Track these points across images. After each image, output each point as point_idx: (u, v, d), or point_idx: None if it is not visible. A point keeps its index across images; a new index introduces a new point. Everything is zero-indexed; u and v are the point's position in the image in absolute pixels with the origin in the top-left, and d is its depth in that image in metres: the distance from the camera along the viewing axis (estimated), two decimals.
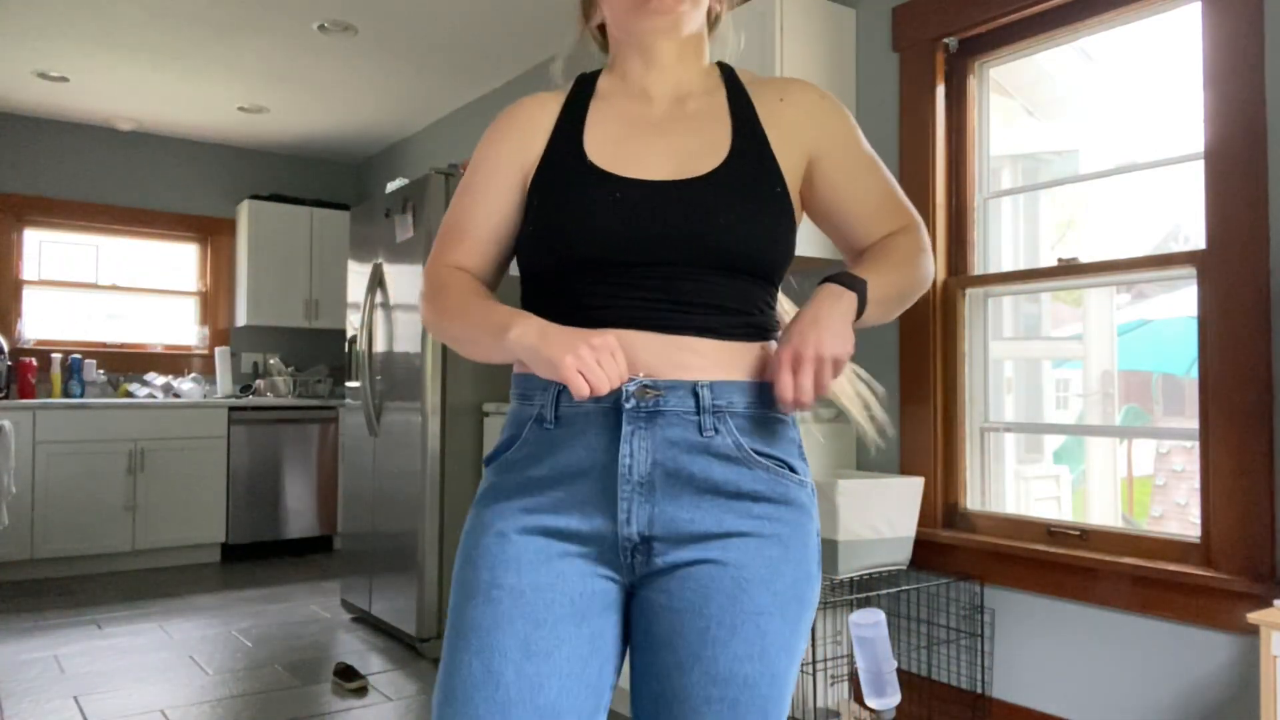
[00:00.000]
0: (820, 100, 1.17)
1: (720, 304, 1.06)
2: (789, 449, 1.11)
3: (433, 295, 1.13)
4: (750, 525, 1.05)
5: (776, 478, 1.07)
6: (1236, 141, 2.14)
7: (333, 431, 5.71)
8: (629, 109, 1.15)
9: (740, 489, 1.05)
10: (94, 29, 4.12)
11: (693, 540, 1.04)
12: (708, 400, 1.04)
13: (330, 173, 6.48)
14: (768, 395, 1.08)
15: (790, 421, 1.12)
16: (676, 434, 1.04)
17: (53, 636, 3.74)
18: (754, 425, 1.07)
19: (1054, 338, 3.10)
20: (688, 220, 1.05)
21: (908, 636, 2.78)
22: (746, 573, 1.04)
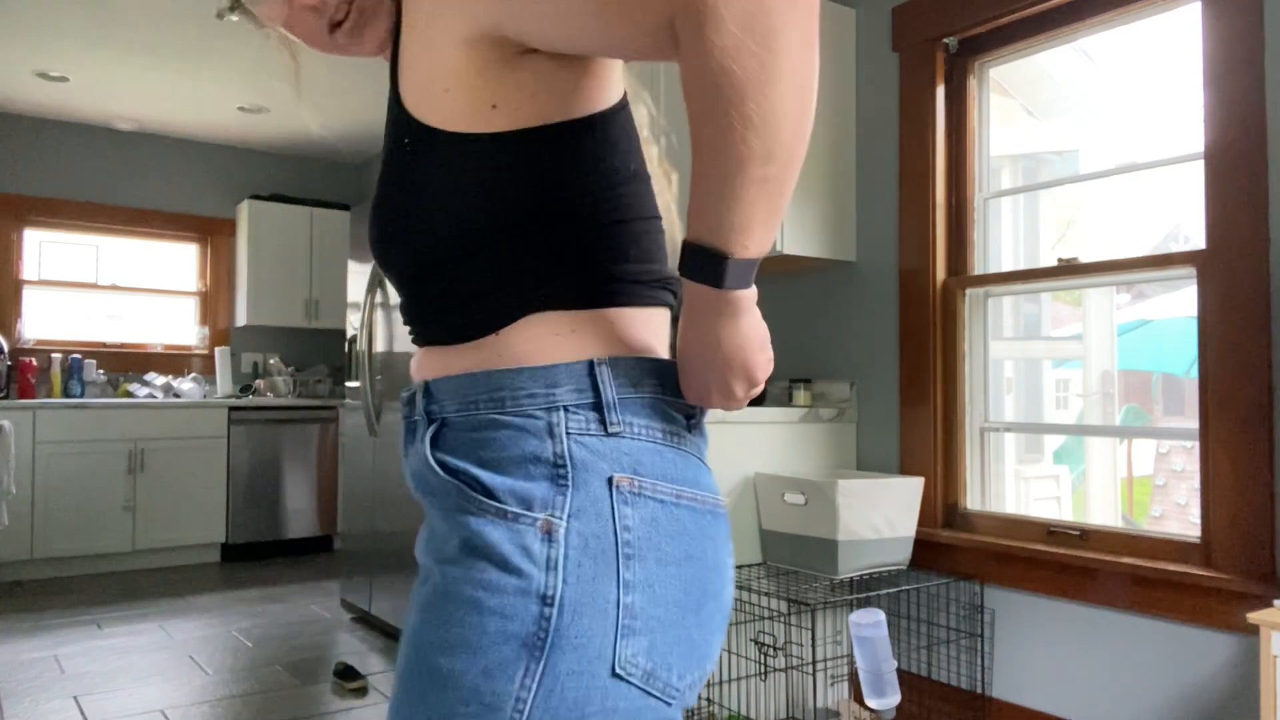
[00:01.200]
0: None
1: (428, 310, 0.84)
2: (500, 464, 0.76)
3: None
4: (433, 564, 0.80)
5: (457, 499, 0.77)
6: (1236, 141, 2.14)
7: (333, 431, 5.71)
8: None
9: (437, 513, 0.81)
10: (94, 29, 4.12)
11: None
12: (421, 405, 0.84)
13: (330, 173, 6.48)
14: (495, 383, 0.77)
15: (543, 428, 0.76)
16: (407, 445, 0.88)
17: (53, 636, 3.74)
18: (464, 428, 0.79)
19: (1054, 338, 3.10)
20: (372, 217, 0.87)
21: (908, 636, 2.78)
22: (408, 622, 0.81)
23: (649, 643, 0.74)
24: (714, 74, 0.63)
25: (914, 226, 2.80)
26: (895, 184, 2.88)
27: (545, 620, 0.71)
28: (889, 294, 2.88)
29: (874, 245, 2.93)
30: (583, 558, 0.73)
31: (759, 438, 2.70)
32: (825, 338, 3.05)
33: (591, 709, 0.72)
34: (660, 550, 0.75)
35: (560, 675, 0.71)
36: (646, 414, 0.78)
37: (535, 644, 0.71)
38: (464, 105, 0.76)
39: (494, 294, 0.78)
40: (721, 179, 0.66)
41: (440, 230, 0.79)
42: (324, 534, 5.68)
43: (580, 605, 0.72)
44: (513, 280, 0.78)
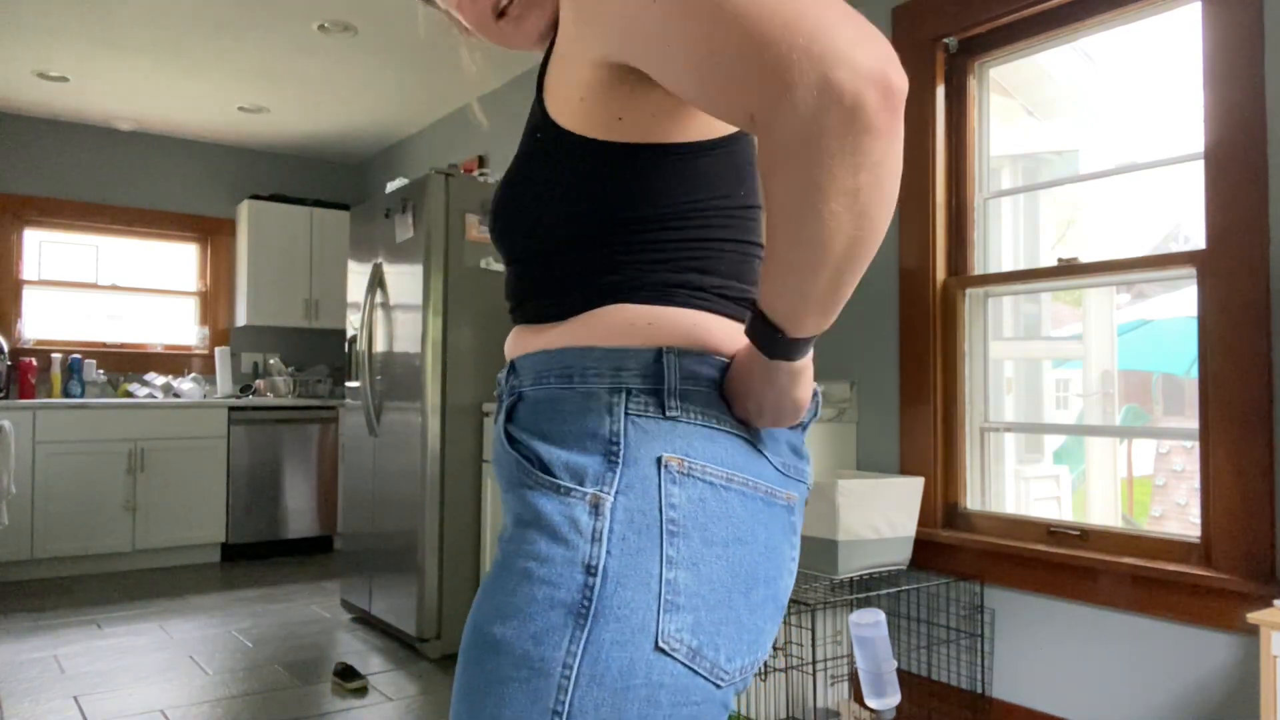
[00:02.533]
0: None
1: (525, 292, 0.90)
2: (560, 437, 0.80)
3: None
4: (502, 536, 0.84)
5: (517, 473, 0.82)
6: (1236, 141, 2.14)
7: (333, 431, 5.71)
8: None
9: (505, 483, 0.86)
10: (94, 29, 4.12)
11: None
12: (504, 381, 0.90)
13: (330, 173, 6.48)
14: (566, 360, 0.82)
15: (604, 405, 0.79)
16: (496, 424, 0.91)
17: (53, 636, 3.74)
18: (534, 402, 0.84)
19: (1054, 338, 3.10)
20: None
21: (908, 636, 2.78)
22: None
23: (694, 620, 0.76)
24: (796, 187, 0.65)
25: (914, 226, 2.80)
26: None
27: (589, 589, 0.74)
28: (889, 294, 2.88)
29: None
30: (628, 531, 0.76)
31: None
32: (825, 338, 3.05)
33: (636, 680, 0.74)
34: (706, 530, 0.78)
35: (605, 644, 0.74)
36: (705, 402, 0.80)
37: (580, 611, 0.74)
38: (594, 114, 0.81)
39: (587, 283, 0.84)
40: (787, 265, 0.70)
41: (554, 219, 0.85)
42: (324, 534, 5.69)
43: (623, 577, 0.74)
44: (607, 273, 0.83)
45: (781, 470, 0.85)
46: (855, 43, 0.60)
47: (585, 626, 0.74)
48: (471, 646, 0.78)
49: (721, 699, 0.79)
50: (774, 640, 0.85)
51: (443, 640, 3.54)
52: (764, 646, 0.82)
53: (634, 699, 0.74)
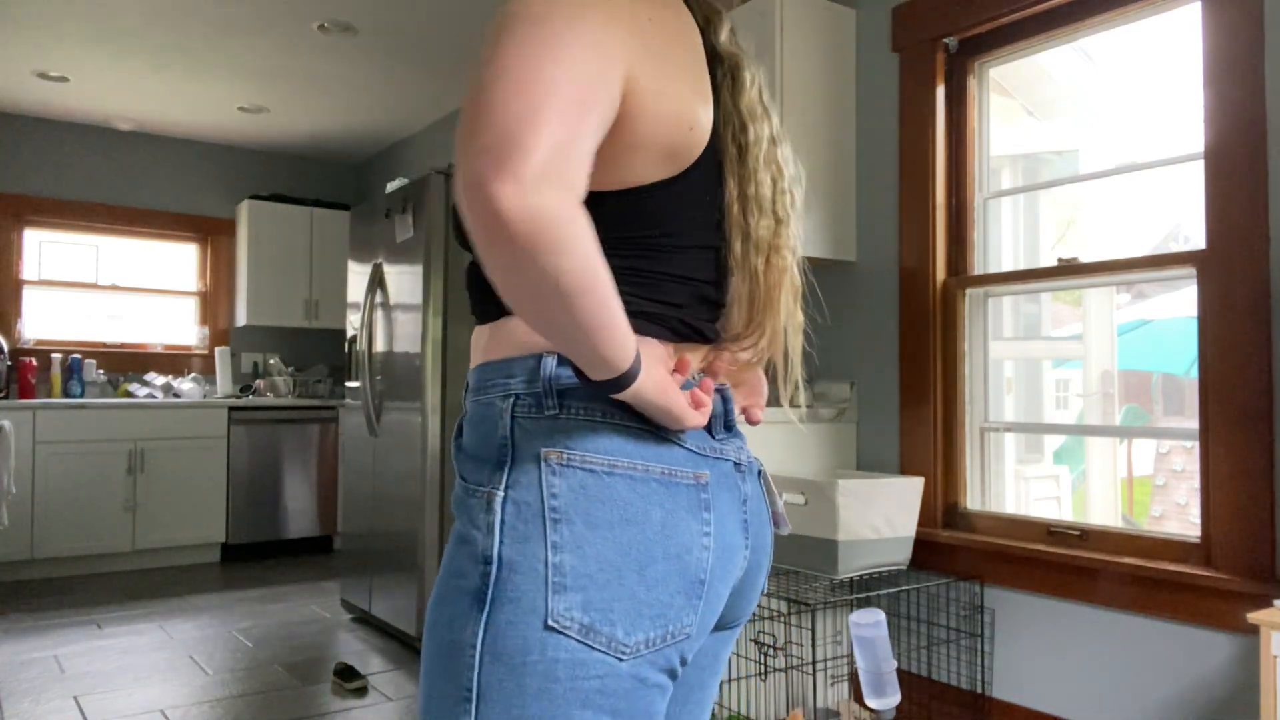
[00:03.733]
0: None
1: (472, 288, 0.95)
2: (474, 447, 0.90)
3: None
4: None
5: (459, 481, 0.91)
6: (1236, 141, 2.14)
7: (333, 431, 5.71)
8: None
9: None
10: (94, 29, 4.12)
11: None
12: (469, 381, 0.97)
13: (330, 173, 6.48)
14: (482, 375, 0.91)
15: (497, 414, 0.87)
16: None
17: (53, 636, 3.74)
18: (469, 415, 0.93)
19: (1054, 338, 3.10)
20: None
21: (908, 636, 2.78)
22: None
23: (583, 598, 0.82)
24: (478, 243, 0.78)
25: (914, 226, 2.80)
26: (895, 184, 2.88)
27: (486, 576, 0.83)
28: (889, 294, 2.88)
29: (874, 245, 2.93)
30: (516, 522, 0.84)
31: (759, 438, 2.70)
32: (825, 338, 3.05)
33: (532, 657, 0.81)
34: (589, 515, 0.84)
35: (500, 625, 0.82)
36: (587, 397, 0.86)
37: (480, 597, 0.83)
38: None
39: (492, 295, 0.91)
40: (536, 314, 0.78)
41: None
42: (324, 534, 5.68)
43: (514, 564, 0.83)
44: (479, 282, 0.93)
45: (696, 451, 0.91)
46: None
47: (484, 610, 0.83)
48: (424, 632, 0.89)
49: (632, 672, 0.84)
50: (684, 614, 0.88)
51: None
52: (675, 619, 0.86)
53: (531, 673, 0.81)
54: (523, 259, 0.71)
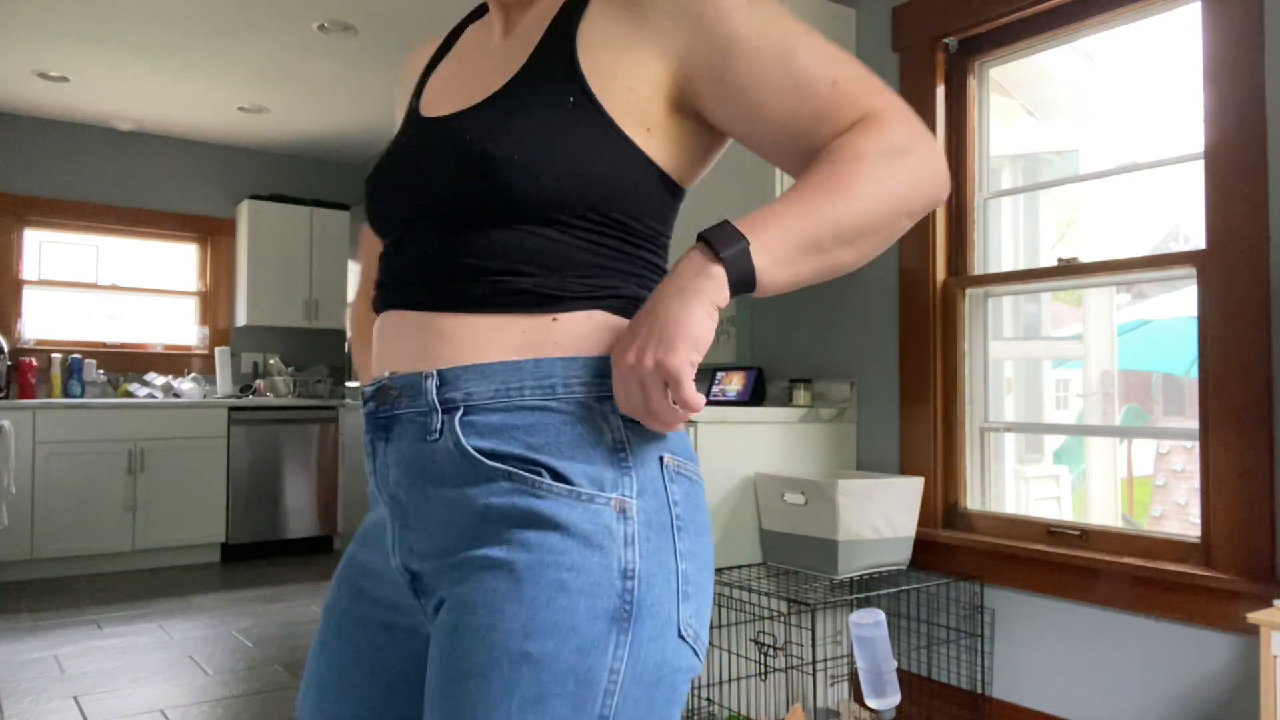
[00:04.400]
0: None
1: (483, 264, 0.80)
2: (561, 448, 0.78)
3: (354, 319, 1.15)
4: (496, 553, 0.77)
5: (520, 487, 0.78)
6: (1236, 141, 2.14)
7: (333, 431, 5.71)
8: (475, 42, 0.95)
9: (474, 505, 0.79)
10: (94, 29, 4.12)
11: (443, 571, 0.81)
12: (434, 394, 0.81)
13: (330, 173, 6.48)
14: (544, 373, 0.80)
15: (598, 415, 0.80)
16: (407, 443, 0.83)
17: (53, 636, 3.74)
18: (507, 420, 0.79)
19: (1054, 338, 3.10)
20: (442, 159, 0.82)
21: (908, 636, 2.78)
22: (467, 619, 0.77)
23: (696, 606, 0.81)
24: (866, 165, 0.78)
25: (914, 226, 2.80)
26: None
27: (629, 594, 0.76)
28: (889, 294, 2.88)
29: None
30: (649, 532, 0.79)
31: (759, 438, 2.70)
32: (825, 338, 3.05)
33: (666, 670, 0.78)
34: (695, 523, 0.83)
35: (643, 642, 0.77)
36: None
37: (623, 617, 0.76)
38: (633, 111, 0.82)
39: (566, 277, 0.81)
40: (834, 234, 0.77)
41: (549, 188, 0.79)
42: (324, 534, 5.68)
43: (652, 576, 0.78)
44: (589, 273, 0.82)
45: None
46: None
47: (629, 630, 0.76)
48: (496, 665, 0.74)
49: (697, 668, 0.84)
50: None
51: None
52: None
53: (663, 686, 0.78)
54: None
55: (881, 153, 0.78)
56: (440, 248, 0.82)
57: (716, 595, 2.56)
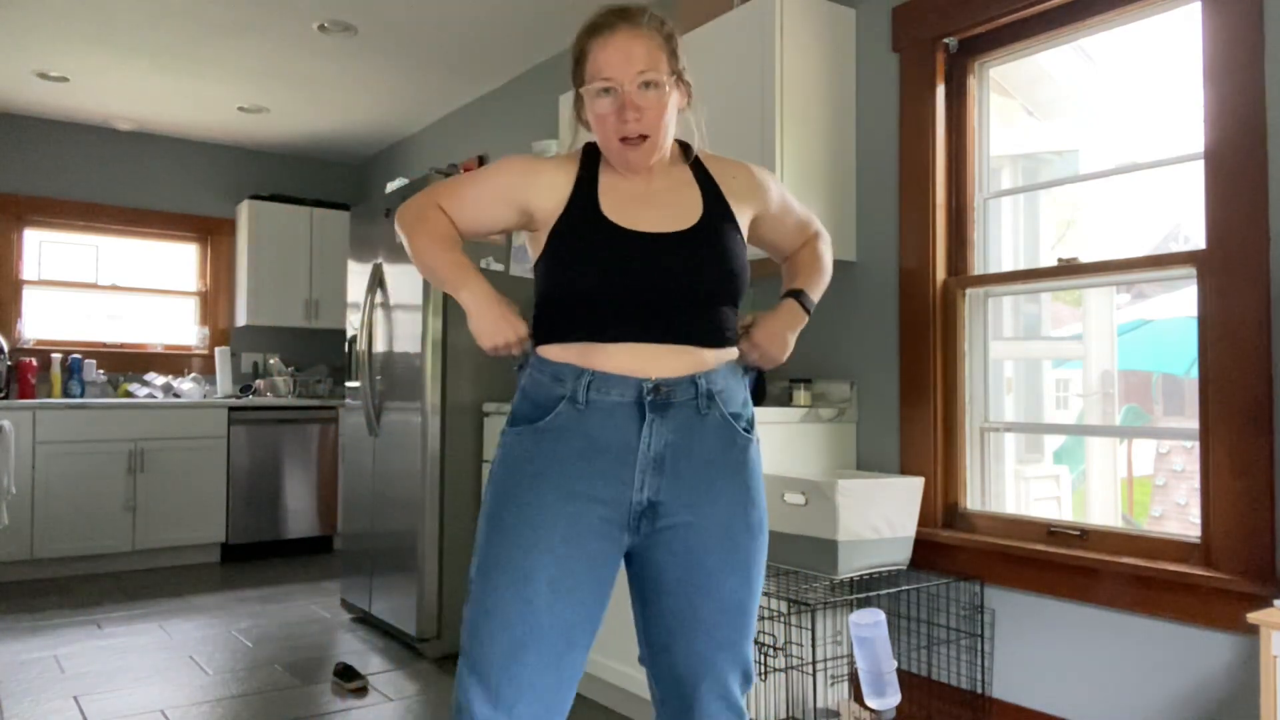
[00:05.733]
0: (759, 174, 1.62)
1: (705, 322, 1.47)
2: (748, 408, 1.55)
3: (419, 213, 1.54)
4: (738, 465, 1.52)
5: (745, 435, 1.53)
6: (1236, 141, 2.14)
7: (333, 431, 5.71)
8: (618, 183, 1.51)
9: (728, 449, 1.49)
10: (94, 29, 4.12)
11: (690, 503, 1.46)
12: (704, 386, 1.45)
13: (330, 173, 6.48)
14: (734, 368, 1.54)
15: (742, 384, 1.55)
16: (682, 420, 1.44)
17: (53, 636, 3.75)
18: (730, 396, 1.49)
19: (1054, 338, 3.10)
20: (684, 262, 1.45)
21: (908, 636, 2.78)
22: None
23: None
24: (825, 258, 1.69)
25: (914, 226, 2.80)
26: (895, 184, 2.88)
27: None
28: (889, 294, 2.88)
29: (874, 245, 2.93)
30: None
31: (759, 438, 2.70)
32: (825, 338, 3.05)
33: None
34: None
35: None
36: None
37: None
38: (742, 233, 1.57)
39: (730, 325, 1.52)
40: (820, 288, 1.67)
41: (736, 280, 1.50)
42: (324, 534, 5.69)
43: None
44: (733, 322, 1.54)
45: None
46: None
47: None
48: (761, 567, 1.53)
49: None
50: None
51: (442, 640, 3.54)
52: None
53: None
54: None
55: (826, 245, 1.71)
56: (687, 312, 1.48)
57: None
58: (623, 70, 1.42)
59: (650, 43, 1.44)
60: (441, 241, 1.51)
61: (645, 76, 1.42)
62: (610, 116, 1.44)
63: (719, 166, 1.58)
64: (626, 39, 1.42)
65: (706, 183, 1.54)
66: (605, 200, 1.48)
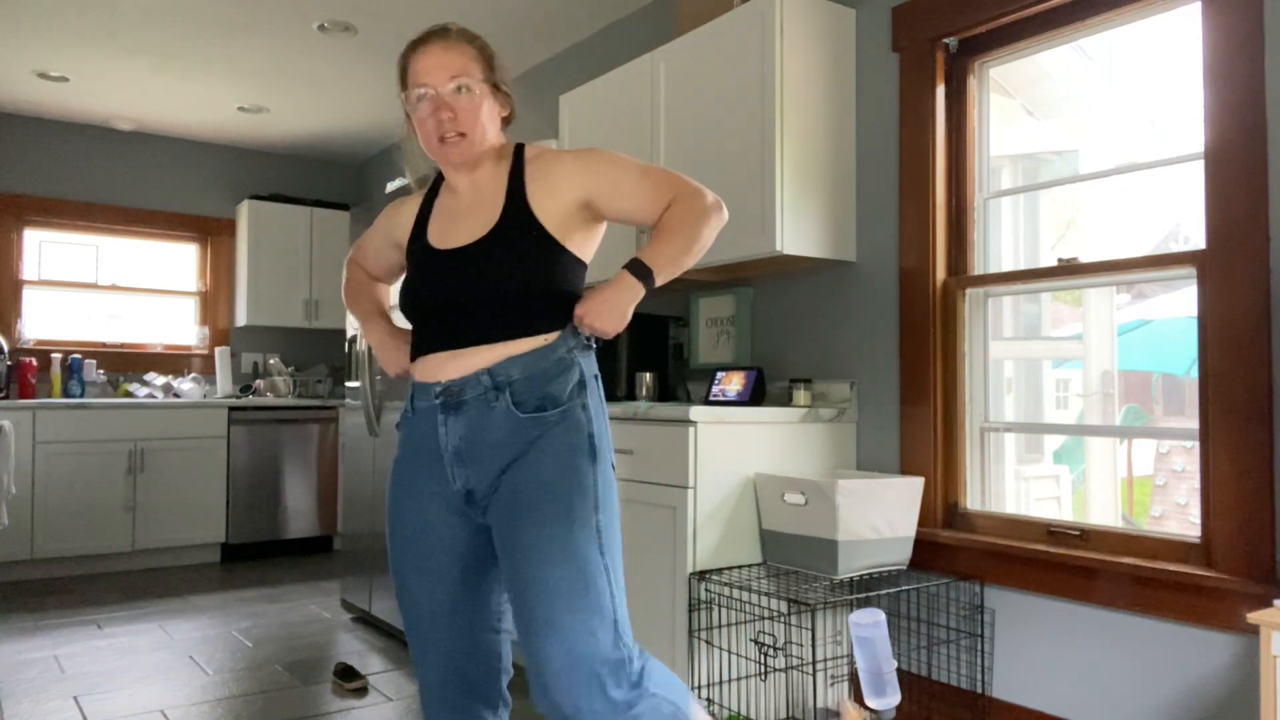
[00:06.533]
0: (585, 158, 1.67)
1: (497, 322, 1.57)
2: (561, 383, 1.59)
3: (346, 270, 1.94)
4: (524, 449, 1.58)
5: (536, 416, 1.57)
6: (1236, 141, 2.14)
7: (333, 431, 5.71)
8: (448, 201, 1.70)
9: (517, 430, 1.57)
10: (94, 29, 4.12)
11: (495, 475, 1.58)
12: (488, 382, 1.56)
13: (330, 173, 6.48)
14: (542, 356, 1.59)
15: (571, 359, 1.61)
16: (474, 414, 1.57)
17: (53, 636, 3.74)
18: (528, 383, 1.57)
19: (1054, 338, 3.10)
20: (465, 275, 1.58)
21: (908, 636, 2.78)
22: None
23: (609, 445, 1.70)
24: (677, 222, 1.62)
25: (914, 226, 2.80)
26: (895, 184, 2.88)
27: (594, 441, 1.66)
28: (889, 294, 2.88)
29: (874, 245, 2.93)
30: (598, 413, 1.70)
31: (759, 438, 2.70)
32: (825, 338, 3.05)
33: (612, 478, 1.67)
34: (603, 406, 1.71)
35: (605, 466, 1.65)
36: None
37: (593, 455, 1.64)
38: (561, 229, 1.63)
39: (534, 318, 1.59)
40: (674, 255, 1.61)
41: (524, 281, 1.57)
42: (324, 534, 5.68)
43: (601, 433, 1.69)
44: (543, 314, 1.59)
45: None
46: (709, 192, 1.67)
47: (596, 461, 1.65)
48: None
49: None
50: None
51: None
52: None
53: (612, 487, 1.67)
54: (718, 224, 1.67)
55: (691, 211, 1.62)
56: (467, 315, 1.60)
57: (717, 595, 2.56)
58: (436, 76, 1.62)
59: (462, 53, 1.64)
60: (354, 292, 1.88)
61: (458, 81, 1.61)
62: (429, 119, 1.62)
63: (539, 162, 1.66)
64: (440, 50, 1.63)
65: (515, 182, 1.64)
66: (434, 222, 1.68)
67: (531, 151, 1.69)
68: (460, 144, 1.61)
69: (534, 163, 1.67)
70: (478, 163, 1.66)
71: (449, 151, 1.62)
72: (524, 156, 1.69)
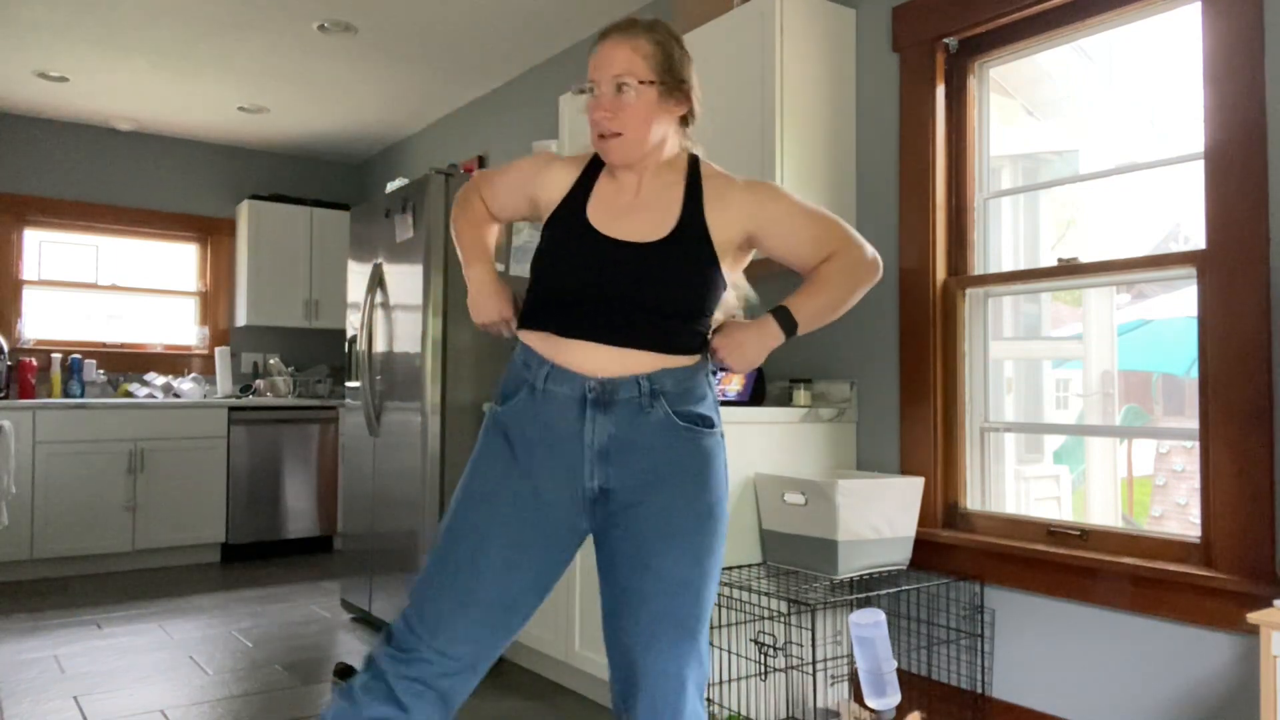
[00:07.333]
0: (760, 192, 1.64)
1: (657, 330, 1.54)
2: (707, 407, 1.59)
3: (463, 197, 1.80)
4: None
5: (692, 429, 1.56)
6: (1236, 141, 2.14)
7: (333, 431, 5.71)
8: (610, 188, 1.64)
9: (672, 442, 1.55)
10: (94, 29, 4.12)
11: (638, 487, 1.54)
12: (646, 387, 1.54)
13: (330, 173, 6.48)
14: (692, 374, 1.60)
15: (708, 385, 1.62)
16: (625, 415, 1.53)
17: (53, 636, 3.74)
18: (679, 397, 1.56)
19: (1054, 338, 3.10)
20: (638, 274, 1.54)
21: (908, 636, 2.78)
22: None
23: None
24: (834, 279, 1.63)
25: (914, 226, 2.80)
26: (895, 184, 2.88)
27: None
28: (889, 294, 2.88)
29: (874, 245, 2.92)
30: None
31: (759, 438, 2.70)
32: (825, 338, 3.05)
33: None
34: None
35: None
36: None
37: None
38: (723, 254, 1.60)
39: (688, 336, 1.57)
40: (822, 310, 1.65)
41: (691, 297, 1.56)
42: (324, 534, 5.68)
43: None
44: (695, 333, 1.59)
45: None
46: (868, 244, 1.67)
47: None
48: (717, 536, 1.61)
49: None
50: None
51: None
52: None
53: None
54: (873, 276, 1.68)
55: (848, 268, 1.63)
56: (640, 320, 1.57)
57: (717, 595, 2.56)
58: (601, 72, 1.57)
59: (634, 49, 1.56)
60: (470, 224, 1.76)
61: (619, 80, 1.55)
62: (589, 115, 1.59)
63: (715, 182, 1.63)
64: (612, 45, 1.57)
65: (692, 197, 1.60)
66: (594, 203, 1.62)
67: (707, 169, 1.66)
68: (616, 143, 1.57)
69: (710, 181, 1.64)
70: (643, 163, 1.62)
71: (607, 149, 1.59)
72: (699, 171, 1.65)
